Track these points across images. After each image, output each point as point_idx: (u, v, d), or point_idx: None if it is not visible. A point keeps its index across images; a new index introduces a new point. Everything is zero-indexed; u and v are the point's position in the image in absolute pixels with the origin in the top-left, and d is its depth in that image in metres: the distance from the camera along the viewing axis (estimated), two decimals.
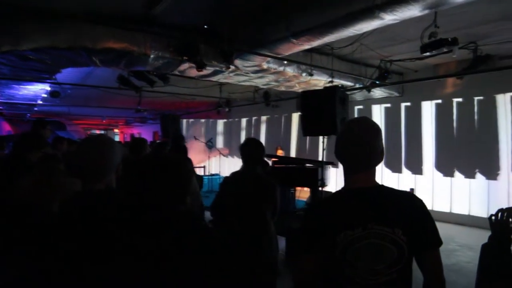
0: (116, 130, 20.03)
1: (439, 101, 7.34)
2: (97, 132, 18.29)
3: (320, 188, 5.83)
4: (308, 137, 9.86)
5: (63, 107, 10.93)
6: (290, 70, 6.09)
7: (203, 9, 4.85)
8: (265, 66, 5.76)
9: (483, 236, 1.55)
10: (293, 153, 10.30)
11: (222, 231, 2.70)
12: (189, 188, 1.55)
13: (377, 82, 6.76)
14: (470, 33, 5.41)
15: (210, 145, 9.27)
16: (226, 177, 3.25)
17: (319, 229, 1.55)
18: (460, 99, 7.00)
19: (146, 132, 18.01)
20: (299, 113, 10.37)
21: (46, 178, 2.11)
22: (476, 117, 6.73)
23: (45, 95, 8.19)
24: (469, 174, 6.77)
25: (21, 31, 4.52)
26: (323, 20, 3.93)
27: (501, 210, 1.56)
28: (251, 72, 6.10)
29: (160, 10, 4.80)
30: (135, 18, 5.03)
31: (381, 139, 1.61)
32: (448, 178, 7.15)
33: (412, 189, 6.09)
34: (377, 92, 7.70)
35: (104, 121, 13.91)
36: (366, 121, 1.64)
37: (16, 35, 4.52)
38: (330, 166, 6.17)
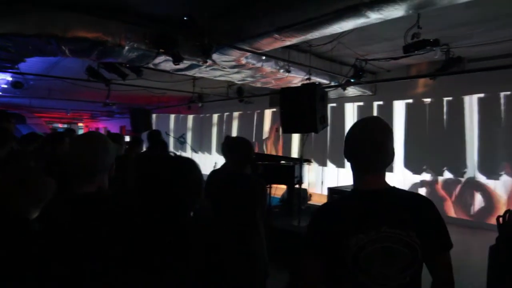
0: (80, 124, 19.12)
1: (410, 100, 7.56)
2: (60, 126, 17.36)
3: (296, 186, 5.84)
4: (281, 134, 9.88)
5: (24, 99, 10.27)
6: (268, 66, 6.03)
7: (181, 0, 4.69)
8: (243, 61, 5.66)
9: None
10: (265, 150, 10.29)
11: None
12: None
13: (352, 80, 6.84)
14: (444, 35, 5.57)
15: (182, 141, 9.05)
16: (210, 176, 3.09)
17: (328, 232, 1.49)
18: (430, 100, 7.23)
19: (113, 127, 17.34)
20: (272, 109, 10.43)
21: (19, 180, 1.91)
22: (445, 117, 6.98)
23: (5, 86, 7.64)
24: (438, 172, 7.02)
25: None
26: (309, 16, 3.89)
27: (508, 211, 1.57)
28: (228, 67, 5.98)
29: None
30: (110, 6, 4.78)
31: (393, 140, 1.57)
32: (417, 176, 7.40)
33: None
34: (351, 91, 7.81)
35: (68, 114, 13.23)
36: (380, 121, 1.59)
37: None
38: (307, 163, 6.19)
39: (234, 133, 11.41)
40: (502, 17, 4.95)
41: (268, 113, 10.55)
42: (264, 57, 5.78)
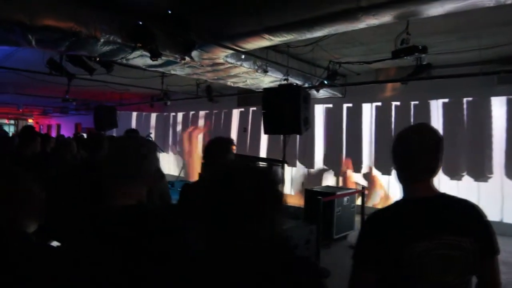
0: (30, 121, 17.59)
1: (379, 103, 7.81)
2: (6, 122, 15.85)
3: None
4: (248, 134, 9.82)
5: None
6: (246, 66, 5.93)
7: None
8: (222, 60, 5.52)
9: None
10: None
11: None
12: None
13: (326, 82, 6.93)
14: (418, 42, 5.80)
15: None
16: (187, 185, 2.79)
17: (385, 242, 1.45)
18: (398, 103, 7.52)
19: (66, 124, 16.22)
20: (240, 109, 10.34)
21: (11, 188, 1.66)
22: (412, 120, 7.28)
23: None
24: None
25: None
26: (303, 17, 3.85)
27: None
28: (206, 65, 5.80)
29: None
30: None
31: (443, 147, 1.57)
32: (387, 176, 7.66)
33: (363, 187, 6.38)
34: (321, 93, 7.92)
35: (20, 110, 12.14)
36: (431, 128, 1.59)
37: None
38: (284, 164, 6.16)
39: (201, 133, 11.19)
40: (473, 28, 5.25)
41: (235, 113, 10.43)
42: (243, 56, 5.67)
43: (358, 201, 6.49)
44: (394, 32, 4.91)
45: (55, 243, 2.11)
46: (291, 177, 9.03)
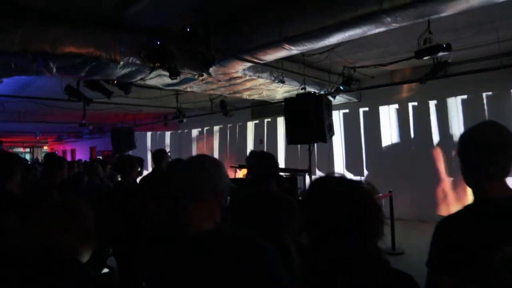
0: (45, 147, 17.78)
1: (396, 105, 7.74)
2: (22, 150, 16.02)
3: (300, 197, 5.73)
4: (265, 146, 9.79)
5: None
6: (263, 78, 5.93)
7: (182, 11, 4.48)
8: (239, 73, 5.52)
9: None
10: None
11: None
12: None
13: (342, 87, 6.89)
14: (435, 40, 5.75)
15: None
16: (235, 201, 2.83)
17: (465, 247, 1.39)
18: (415, 103, 7.44)
19: (81, 148, 16.35)
20: (255, 121, 10.33)
21: (70, 217, 1.63)
22: (431, 119, 7.20)
23: None
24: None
25: None
26: (324, 24, 3.83)
27: None
28: (223, 80, 5.81)
29: (134, 11, 4.34)
30: (103, 19, 4.48)
31: None
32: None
33: (390, 191, 6.25)
34: (337, 98, 7.87)
35: (37, 137, 12.25)
36: (502, 125, 1.53)
37: None
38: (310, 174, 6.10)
39: (216, 147, 11.18)
40: (488, 23, 5.19)
41: (250, 125, 10.42)
42: (260, 68, 5.67)
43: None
44: (410, 33, 4.87)
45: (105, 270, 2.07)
46: None
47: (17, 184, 2.57)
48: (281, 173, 6.55)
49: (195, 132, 11.94)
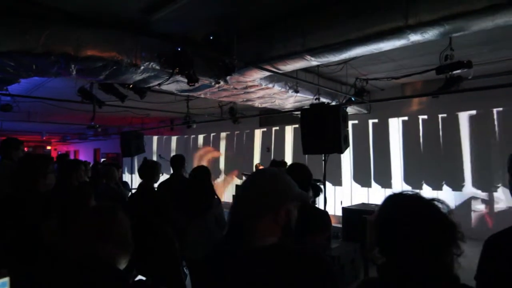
0: (48, 147, 17.68)
1: (405, 118, 7.79)
2: (25, 149, 15.90)
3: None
4: (272, 153, 9.81)
5: None
6: (278, 87, 5.97)
7: (205, 19, 4.52)
8: (256, 82, 5.55)
9: None
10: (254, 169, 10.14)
11: None
12: None
13: (353, 99, 6.95)
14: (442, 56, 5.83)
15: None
16: None
17: None
18: (425, 117, 7.50)
19: (85, 150, 16.33)
20: (263, 129, 10.36)
21: (110, 224, 1.64)
22: (440, 133, 7.25)
23: None
24: (436, 186, 7.23)
25: None
26: (348, 37, 3.88)
27: None
28: (239, 88, 5.84)
29: (158, 16, 4.38)
30: (127, 24, 4.52)
31: None
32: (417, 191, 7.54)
33: None
34: (347, 109, 7.92)
35: (44, 138, 12.22)
36: None
37: None
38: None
39: (222, 154, 11.20)
40: (506, 39, 5.26)
41: (258, 133, 10.45)
42: (276, 77, 5.72)
43: None
44: (425, 47, 4.96)
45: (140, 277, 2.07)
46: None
47: (49, 184, 2.57)
48: None
49: (201, 137, 11.95)
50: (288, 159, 9.42)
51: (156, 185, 4.33)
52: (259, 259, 1.22)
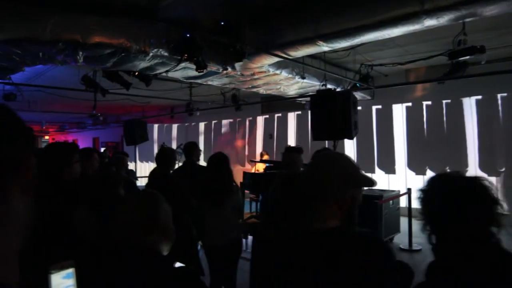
0: (46, 137, 17.43)
1: (409, 104, 7.81)
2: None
3: None
4: (275, 140, 9.81)
5: None
6: (285, 73, 5.93)
7: (215, 4, 4.45)
8: (264, 68, 5.51)
9: None
10: (258, 158, 10.14)
11: None
12: None
13: (358, 85, 6.94)
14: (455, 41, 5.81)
15: (180, 152, 8.59)
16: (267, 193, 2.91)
17: None
18: (429, 102, 7.52)
19: (84, 139, 16.14)
20: (265, 116, 10.34)
21: (155, 211, 1.65)
22: (444, 118, 7.28)
23: None
24: (440, 172, 7.28)
25: None
26: (362, 23, 3.85)
27: None
28: (246, 75, 5.80)
29: (167, 2, 4.31)
30: (135, 10, 4.43)
31: None
32: (421, 176, 7.63)
33: (409, 189, 6.32)
34: None
35: (43, 127, 12.08)
36: None
37: None
38: None
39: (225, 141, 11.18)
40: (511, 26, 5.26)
41: (260, 120, 10.42)
42: (283, 63, 5.67)
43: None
44: (431, 33, 4.94)
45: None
46: None
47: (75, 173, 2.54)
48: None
49: (202, 125, 11.90)
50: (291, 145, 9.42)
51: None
52: (321, 241, 1.24)
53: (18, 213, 0.57)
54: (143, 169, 11.60)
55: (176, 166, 4.09)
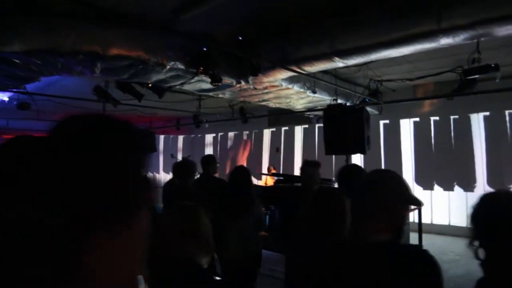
0: None
1: (417, 119, 7.87)
2: None
3: None
4: (282, 153, 9.84)
5: (2, 120, 9.25)
6: (297, 88, 5.99)
7: (233, 19, 4.53)
8: (277, 82, 5.58)
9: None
10: (264, 171, 10.14)
11: None
12: None
13: (367, 100, 7.00)
14: (463, 58, 5.89)
15: None
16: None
17: None
18: (437, 118, 7.58)
19: None
20: (272, 129, 10.37)
21: (197, 225, 1.67)
22: (452, 134, 7.33)
23: None
24: (448, 187, 7.33)
25: (9, 27, 3.73)
26: (378, 40, 3.92)
27: None
28: (259, 89, 5.86)
29: (187, 17, 4.38)
30: (151, 23, 4.51)
31: None
32: (428, 192, 7.65)
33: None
34: None
35: None
36: None
37: (3, 32, 3.72)
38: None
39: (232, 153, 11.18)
40: None
41: (267, 133, 10.46)
42: (295, 78, 5.74)
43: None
44: (442, 50, 4.98)
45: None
46: None
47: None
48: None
49: (208, 137, 11.92)
50: (298, 159, 9.45)
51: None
52: (375, 253, 1.27)
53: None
54: None
55: None
